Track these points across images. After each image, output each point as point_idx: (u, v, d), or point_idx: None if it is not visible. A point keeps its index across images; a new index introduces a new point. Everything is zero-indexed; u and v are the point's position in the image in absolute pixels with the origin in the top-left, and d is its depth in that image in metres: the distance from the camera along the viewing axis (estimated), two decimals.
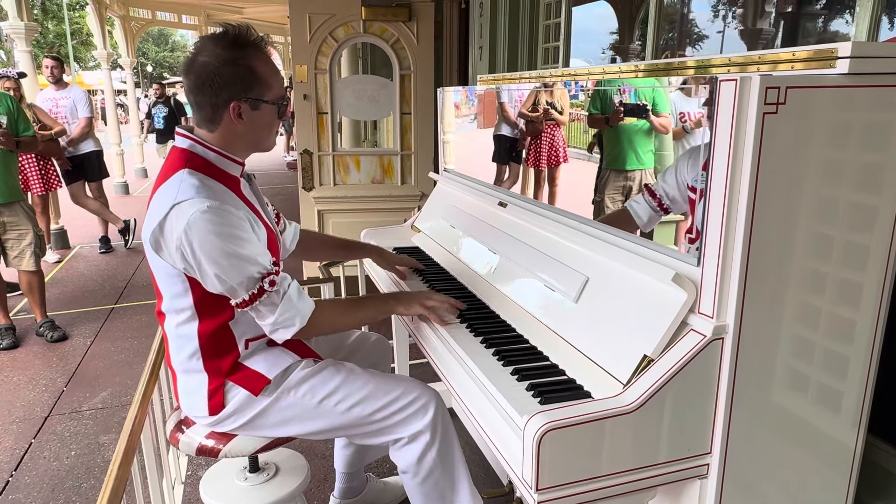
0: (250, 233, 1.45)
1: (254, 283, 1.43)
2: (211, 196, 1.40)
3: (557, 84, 1.85)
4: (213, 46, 1.43)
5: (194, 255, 1.40)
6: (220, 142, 1.50)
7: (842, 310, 1.22)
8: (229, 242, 1.40)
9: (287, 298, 1.48)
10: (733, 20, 3.67)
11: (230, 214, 1.41)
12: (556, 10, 3.19)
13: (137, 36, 11.84)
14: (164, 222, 1.40)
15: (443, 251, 2.22)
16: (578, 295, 1.43)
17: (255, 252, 1.44)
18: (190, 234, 1.37)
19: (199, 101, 1.45)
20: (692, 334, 1.15)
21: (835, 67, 1.07)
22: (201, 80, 1.42)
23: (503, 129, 2.18)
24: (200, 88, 1.43)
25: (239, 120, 1.46)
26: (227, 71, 1.41)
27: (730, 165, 1.06)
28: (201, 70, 1.42)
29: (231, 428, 1.59)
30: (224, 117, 1.46)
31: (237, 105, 1.44)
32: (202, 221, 1.37)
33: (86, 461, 2.62)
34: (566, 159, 1.79)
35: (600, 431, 1.11)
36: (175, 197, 1.40)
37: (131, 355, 3.65)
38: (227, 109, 1.45)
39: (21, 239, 3.73)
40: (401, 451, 1.60)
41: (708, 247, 1.13)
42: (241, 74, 1.43)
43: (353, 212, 4.31)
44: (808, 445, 1.30)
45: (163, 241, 1.42)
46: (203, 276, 1.43)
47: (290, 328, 1.50)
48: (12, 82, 4.73)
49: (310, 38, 3.98)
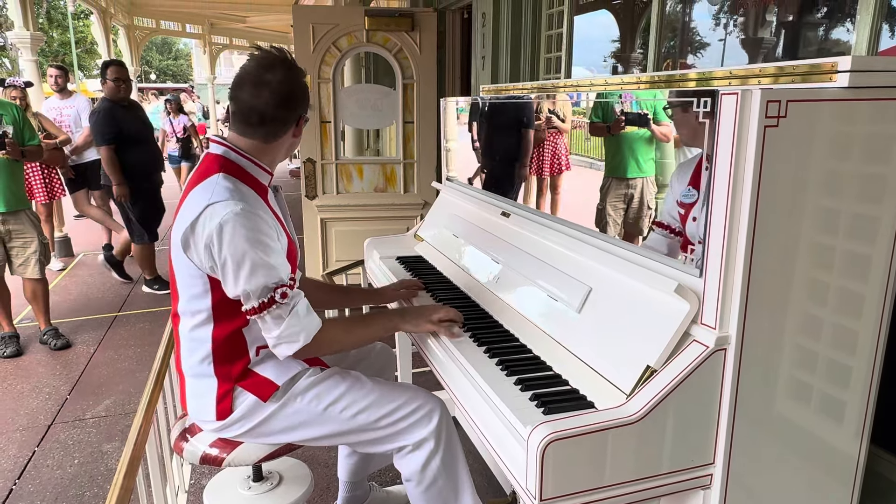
0: (276, 241, 1.49)
1: (266, 293, 1.45)
2: (244, 199, 1.45)
3: (560, 94, 1.86)
4: (281, 67, 1.51)
5: (220, 254, 1.43)
6: (253, 150, 1.56)
7: (844, 320, 1.23)
8: (255, 247, 1.43)
9: (294, 313, 1.49)
10: (734, 29, 3.68)
11: (261, 220, 1.46)
12: (559, 19, 3.21)
13: (141, 44, 11.93)
14: (197, 222, 1.44)
15: (446, 260, 2.23)
16: (581, 305, 1.43)
17: (277, 262, 1.47)
18: (222, 233, 1.42)
19: (276, 116, 1.53)
20: (695, 345, 1.16)
21: (835, 81, 1.09)
22: (287, 97, 1.52)
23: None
24: (285, 104, 1.52)
25: (299, 132, 1.61)
26: (300, 90, 1.55)
27: (731, 178, 1.07)
28: (283, 88, 1.51)
29: (237, 433, 1.60)
30: (288, 132, 1.58)
31: (301, 120, 1.59)
32: (234, 223, 1.42)
33: (89, 469, 2.63)
34: (568, 167, 1.81)
35: (604, 442, 1.11)
36: (210, 198, 1.44)
37: (135, 363, 3.66)
38: (294, 125, 1.58)
39: (26, 247, 3.74)
40: (405, 458, 1.61)
41: (710, 258, 1.14)
42: (306, 93, 1.58)
43: (355, 220, 4.33)
44: (811, 455, 1.31)
45: (192, 240, 1.46)
46: (224, 277, 1.47)
47: (293, 344, 1.50)
48: (18, 91, 4.76)
49: (313, 48, 4.01)
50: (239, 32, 14.91)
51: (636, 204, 1.53)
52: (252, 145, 1.56)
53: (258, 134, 1.55)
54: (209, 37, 14.48)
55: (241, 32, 14.88)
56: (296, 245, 1.67)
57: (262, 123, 1.53)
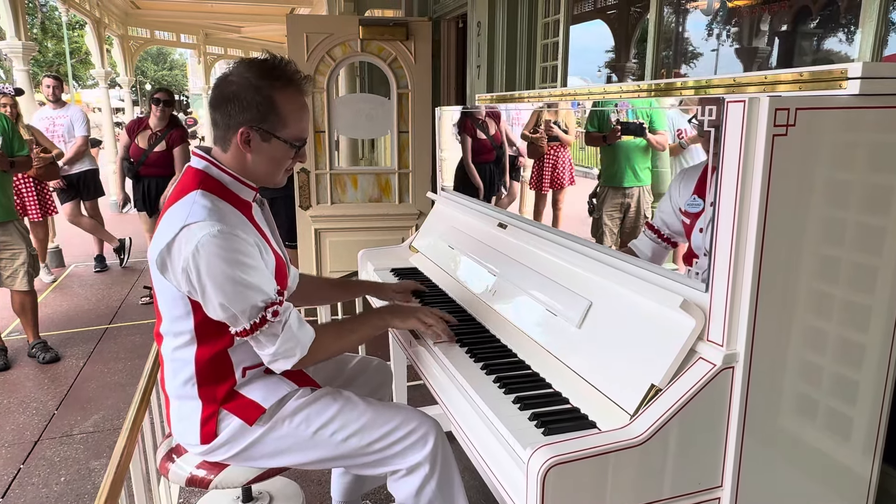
0: (258, 260, 1.42)
1: (256, 313, 1.39)
2: (222, 220, 1.37)
3: (560, 104, 1.83)
4: (244, 69, 1.43)
5: (199, 280, 1.36)
6: (234, 165, 1.48)
7: (856, 335, 1.19)
8: (236, 269, 1.36)
9: (288, 328, 1.44)
10: (728, 38, 3.68)
11: (240, 240, 1.38)
12: (554, 29, 3.19)
13: (136, 55, 11.90)
14: (173, 243, 1.37)
15: (441, 272, 2.18)
16: (581, 320, 1.39)
17: (261, 281, 1.40)
18: (198, 257, 1.34)
19: (215, 118, 1.45)
20: (701, 363, 1.11)
21: (845, 88, 1.05)
22: (222, 98, 1.42)
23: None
24: (218, 105, 1.43)
25: (246, 147, 1.44)
26: (246, 95, 1.40)
27: (738, 188, 1.03)
28: (225, 87, 1.42)
29: (223, 457, 1.54)
30: (233, 141, 1.44)
31: (246, 131, 1.42)
32: (211, 245, 1.34)
33: (75, 488, 2.55)
34: (573, 181, 1.78)
35: (607, 465, 1.06)
36: (186, 218, 1.37)
37: (125, 377, 3.59)
38: (236, 134, 1.43)
39: (14, 259, 3.68)
40: (398, 482, 1.55)
41: (717, 272, 1.09)
42: (258, 102, 1.40)
43: (350, 230, 4.28)
44: (822, 476, 1.26)
45: (169, 262, 1.39)
46: (206, 302, 1.40)
47: (290, 358, 1.45)
48: (9, 99, 4.63)
49: (307, 58, 3.97)
50: (234, 43, 14.90)
51: (633, 213, 1.50)
52: (229, 158, 1.48)
53: (217, 140, 1.48)
54: (204, 47, 14.46)
55: (236, 43, 14.87)
56: (283, 259, 1.60)
57: (214, 126, 1.46)
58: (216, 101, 1.43)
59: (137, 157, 4.83)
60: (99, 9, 9.01)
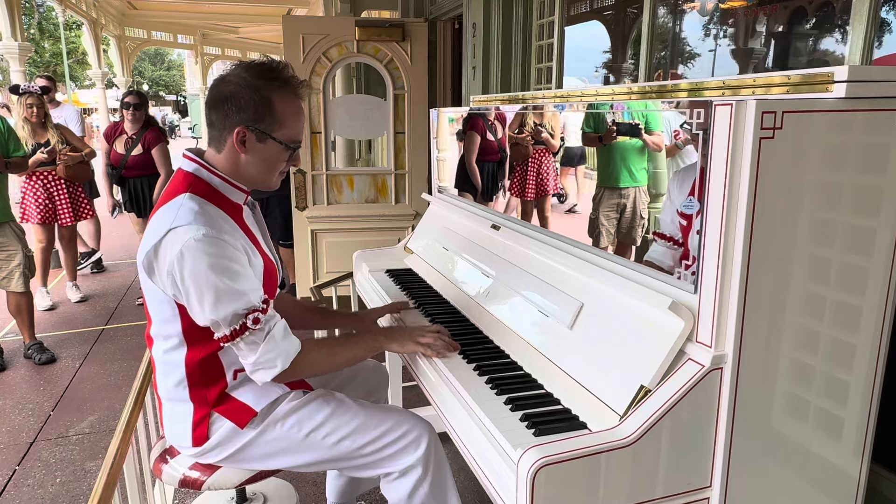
0: (244, 266, 1.41)
1: (237, 320, 1.38)
2: (208, 223, 1.37)
3: (548, 106, 1.83)
4: (242, 70, 1.43)
5: (183, 283, 1.36)
6: (226, 167, 1.48)
7: (844, 336, 1.20)
8: (220, 274, 1.36)
9: (270, 338, 1.41)
10: (724, 39, 3.69)
11: (225, 244, 1.37)
12: (550, 30, 3.20)
13: (133, 55, 11.90)
14: (159, 246, 1.37)
15: (436, 274, 2.19)
16: (573, 321, 1.39)
17: (246, 287, 1.39)
18: (182, 260, 1.35)
19: (211, 118, 1.45)
20: (690, 364, 1.12)
21: (832, 91, 1.06)
22: (219, 97, 1.43)
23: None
24: (215, 105, 1.43)
25: (242, 147, 1.44)
26: (244, 95, 1.41)
27: (726, 191, 1.04)
28: (222, 87, 1.42)
29: (215, 460, 1.54)
30: (228, 141, 1.44)
31: (242, 131, 1.42)
32: (196, 249, 1.34)
33: (71, 489, 2.56)
34: (556, 189, 1.78)
35: (597, 465, 1.07)
36: (172, 221, 1.37)
37: (121, 378, 3.59)
38: (232, 133, 1.43)
39: (10, 260, 3.67)
40: (391, 484, 1.55)
41: (705, 274, 1.10)
42: (255, 102, 1.41)
43: (346, 231, 4.28)
44: (811, 476, 1.27)
45: (156, 265, 1.40)
46: (190, 306, 1.40)
47: (270, 370, 1.43)
48: (35, 98, 4.37)
49: (303, 59, 3.98)
50: (231, 43, 14.91)
51: (629, 214, 1.51)
52: (221, 160, 1.47)
53: (212, 141, 1.48)
54: (201, 47, 14.47)
55: (233, 43, 14.88)
56: (274, 263, 1.59)
57: (209, 126, 1.47)
58: (213, 101, 1.44)
59: (118, 162, 4.75)
60: (96, 9, 9.01)
